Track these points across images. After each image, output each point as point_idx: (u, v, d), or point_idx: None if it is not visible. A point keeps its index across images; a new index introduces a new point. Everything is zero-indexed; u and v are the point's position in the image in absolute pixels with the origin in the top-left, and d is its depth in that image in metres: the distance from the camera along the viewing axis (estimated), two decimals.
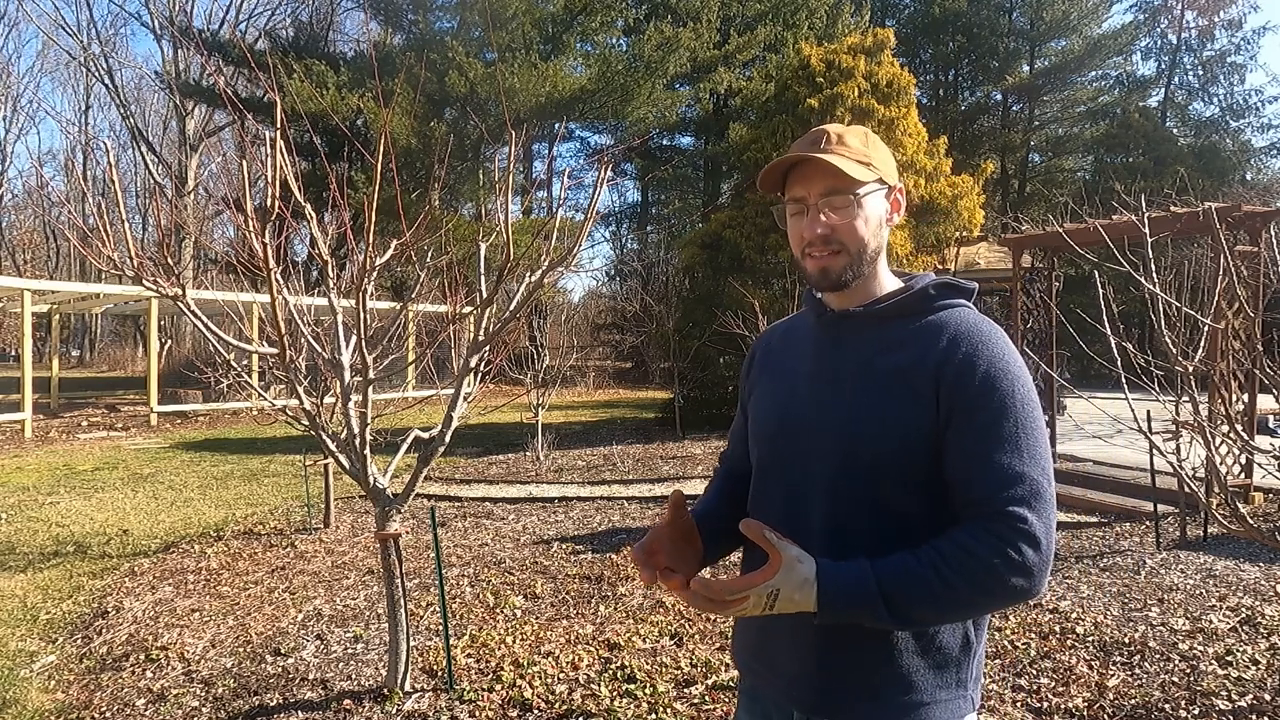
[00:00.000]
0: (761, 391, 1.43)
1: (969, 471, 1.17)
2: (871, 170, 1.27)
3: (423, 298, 4.72)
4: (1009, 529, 1.11)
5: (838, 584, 1.11)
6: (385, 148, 2.99)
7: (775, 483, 1.33)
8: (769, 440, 1.36)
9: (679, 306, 17.03)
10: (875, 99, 12.37)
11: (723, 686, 3.38)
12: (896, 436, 1.20)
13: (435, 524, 3.71)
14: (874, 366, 1.26)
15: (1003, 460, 1.15)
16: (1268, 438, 8.88)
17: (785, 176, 1.31)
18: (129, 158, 37.28)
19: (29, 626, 4.42)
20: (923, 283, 1.32)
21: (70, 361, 36.23)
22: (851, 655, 1.23)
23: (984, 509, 1.14)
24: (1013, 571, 1.10)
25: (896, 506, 1.21)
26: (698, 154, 29.83)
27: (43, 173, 40.83)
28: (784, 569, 1.10)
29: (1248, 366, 6.30)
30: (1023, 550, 1.10)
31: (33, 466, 9.99)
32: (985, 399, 1.18)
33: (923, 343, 1.24)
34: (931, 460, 1.20)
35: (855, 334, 1.31)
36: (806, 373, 1.34)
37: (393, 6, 23.36)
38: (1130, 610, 4.26)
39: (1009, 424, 1.16)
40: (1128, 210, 4.68)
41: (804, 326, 1.43)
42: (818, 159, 1.24)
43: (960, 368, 1.19)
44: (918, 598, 1.11)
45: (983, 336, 1.22)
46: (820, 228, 1.26)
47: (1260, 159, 29.13)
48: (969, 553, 1.11)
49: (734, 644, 1.46)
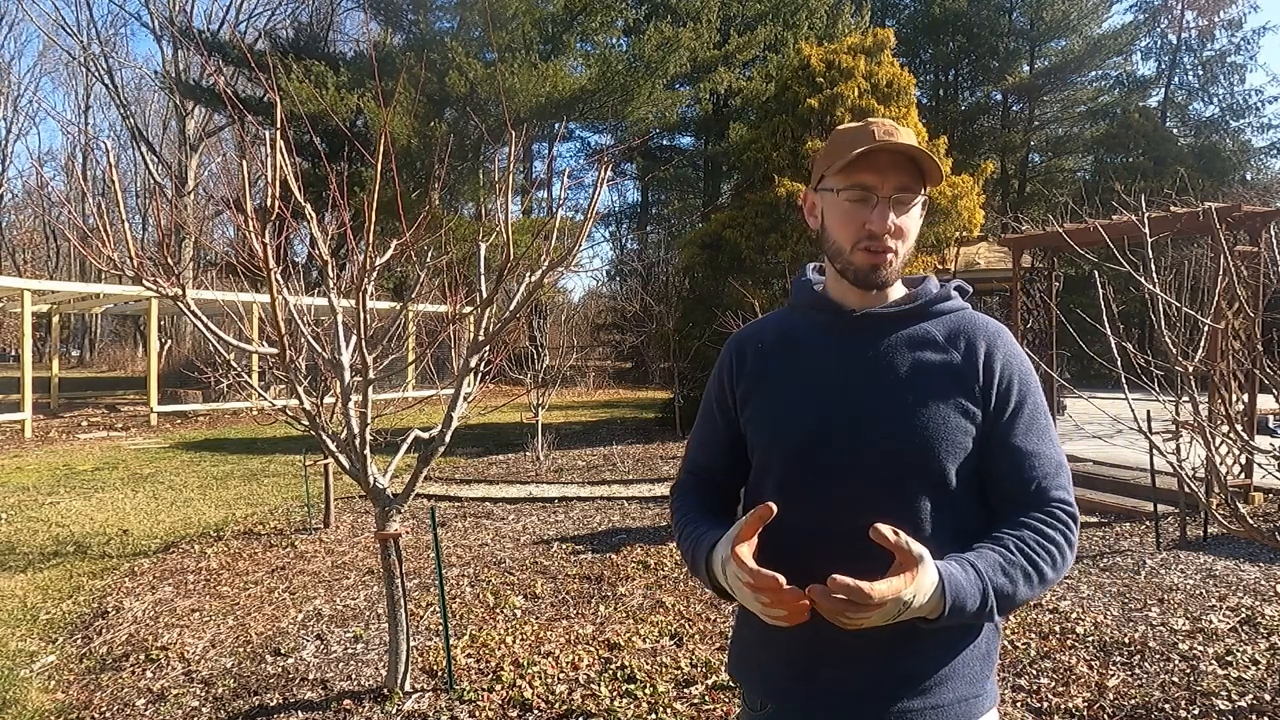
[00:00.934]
0: (772, 399, 1.32)
1: (1021, 464, 1.22)
2: (932, 176, 1.26)
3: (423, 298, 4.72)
4: (1064, 513, 1.20)
5: (959, 588, 1.08)
6: (385, 148, 2.99)
7: (807, 496, 1.24)
8: (796, 451, 1.26)
9: (679, 306, 17.04)
10: (875, 99, 12.37)
11: (722, 686, 3.38)
12: (959, 431, 1.21)
13: (435, 524, 3.71)
14: (916, 366, 1.24)
15: (1046, 451, 1.23)
16: (1268, 438, 8.88)
17: (842, 164, 1.25)
18: (129, 158, 37.34)
19: (29, 626, 4.42)
20: (934, 283, 1.33)
21: (70, 361, 36.22)
22: (918, 661, 1.21)
23: (1039, 497, 1.20)
24: (1071, 550, 1.20)
25: (954, 504, 1.21)
26: (698, 154, 29.83)
27: (43, 173, 40.86)
28: (922, 573, 1.05)
29: (1248, 366, 6.30)
30: (1074, 530, 1.21)
31: (33, 466, 9.99)
32: (1024, 395, 1.25)
33: (961, 344, 1.26)
34: (977, 454, 1.23)
35: (889, 335, 1.27)
36: (834, 376, 1.27)
37: (393, 6, 23.36)
38: (1130, 610, 4.26)
39: (1042, 417, 1.26)
40: (1128, 210, 4.68)
41: (807, 327, 1.35)
42: (904, 147, 1.20)
43: (1005, 369, 1.25)
44: (1017, 591, 1.13)
45: (1009, 338, 1.30)
46: (892, 223, 1.22)
47: (1260, 159, 29.14)
48: (1050, 540, 1.17)
49: (751, 666, 1.34)
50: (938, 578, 1.07)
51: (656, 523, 6.51)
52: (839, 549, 1.15)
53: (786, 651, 1.27)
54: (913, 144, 1.21)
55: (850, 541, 1.16)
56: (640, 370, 24.87)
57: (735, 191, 16.22)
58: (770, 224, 12.46)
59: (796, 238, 12.19)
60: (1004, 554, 1.14)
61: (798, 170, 12.42)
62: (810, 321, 1.35)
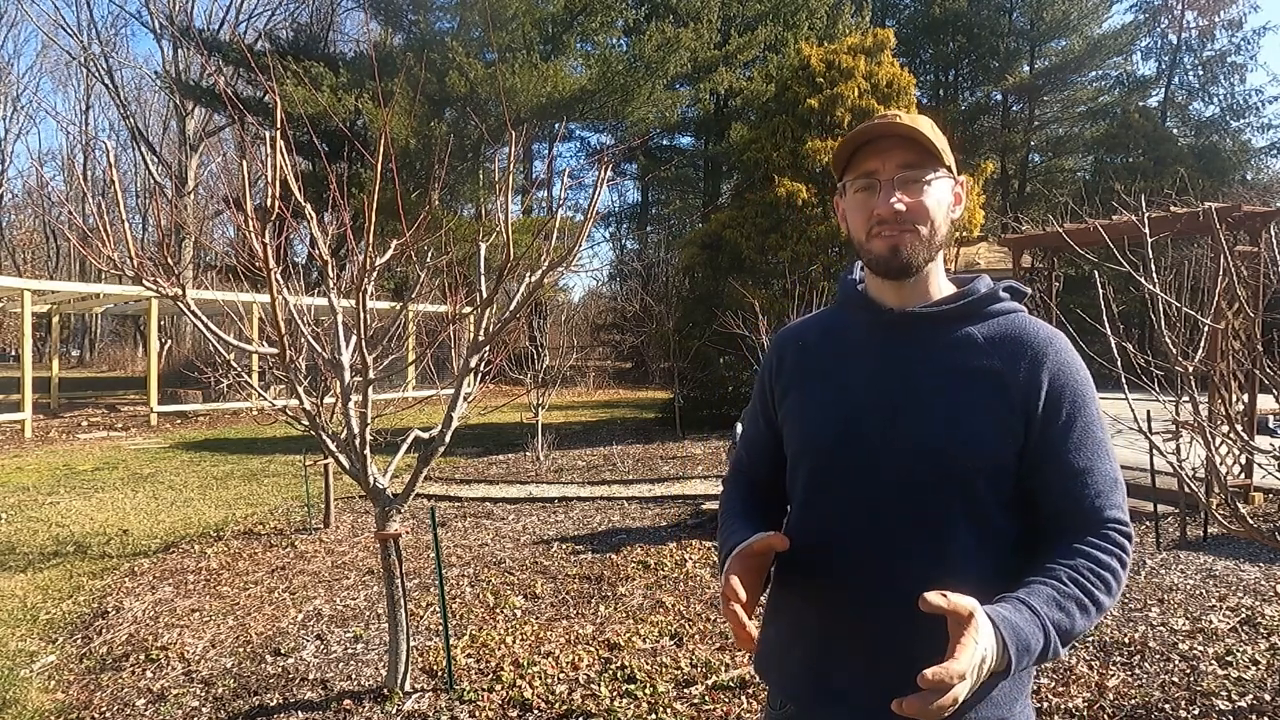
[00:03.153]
0: (807, 397, 1.30)
1: (1073, 482, 1.15)
2: (945, 155, 1.21)
3: (423, 298, 4.72)
4: (1118, 534, 1.14)
5: (1017, 630, 1.01)
6: (385, 148, 2.99)
7: (834, 496, 1.23)
8: (826, 451, 1.24)
9: (679, 306, 17.03)
10: (875, 99, 12.38)
11: (722, 686, 3.38)
12: (991, 441, 1.15)
13: (435, 524, 3.71)
14: (956, 371, 1.19)
15: (1101, 467, 1.16)
16: (1268, 438, 8.88)
17: (848, 160, 1.24)
18: (129, 158, 37.31)
19: (29, 626, 4.42)
20: (985, 284, 1.26)
21: (70, 361, 36.22)
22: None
23: (1092, 518, 1.14)
24: (1125, 571, 1.14)
25: (981, 513, 1.15)
26: (698, 154, 29.85)
27: (43, 173, 40.85)
28: (982, 630, 0.97)
29: (1248, 366, 6.30)
30: (1128, 550, 1.15)
31: (33, 466, 9.99)
32: (1077, 408, 1.17)
33: (1005, 349, 1.19)
34: (1018, 468, 1.16)
35: (926, 335, 1.22)
36: (868, 376, 1.24)
37: (393, 6, 23.36)
38: (1130, 610, 4.26)
39: (1098, 430, 1.18)
40: (1128, 210, 4.68)
41: (849, 326, 1.31)
42: (898, 127, 1.18)
43: (1054, 380, 1.17)
44: (1074, 624, 1.07)
45: (1064, 346, 1.21)
46: (896, 202, 1.19)
47: (1260, 159, 29.18)
48: (1104, 567, 1.11)
49: (772, 665, 1.33)
50: (991, 625, 1.00)
51: (656, 523, 6.51)
52: (863, 548, 1.15)
53: (802, 654, 1.26)
54: (903, 120, 1.18)
55: (874, 542, 1.16)
56: (640, 370, 24.89)
57: (735, 191, 16.24)
58: (770, 224, 12.47)
59: (796, 238, 12.20)
60: (1057, 587, 1.08)
61: (798, 170, 12.42)
62: (852, 320, 1.31)
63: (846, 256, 11.77)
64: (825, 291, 10.46)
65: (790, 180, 12.20)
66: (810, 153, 12.15)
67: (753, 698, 3.27)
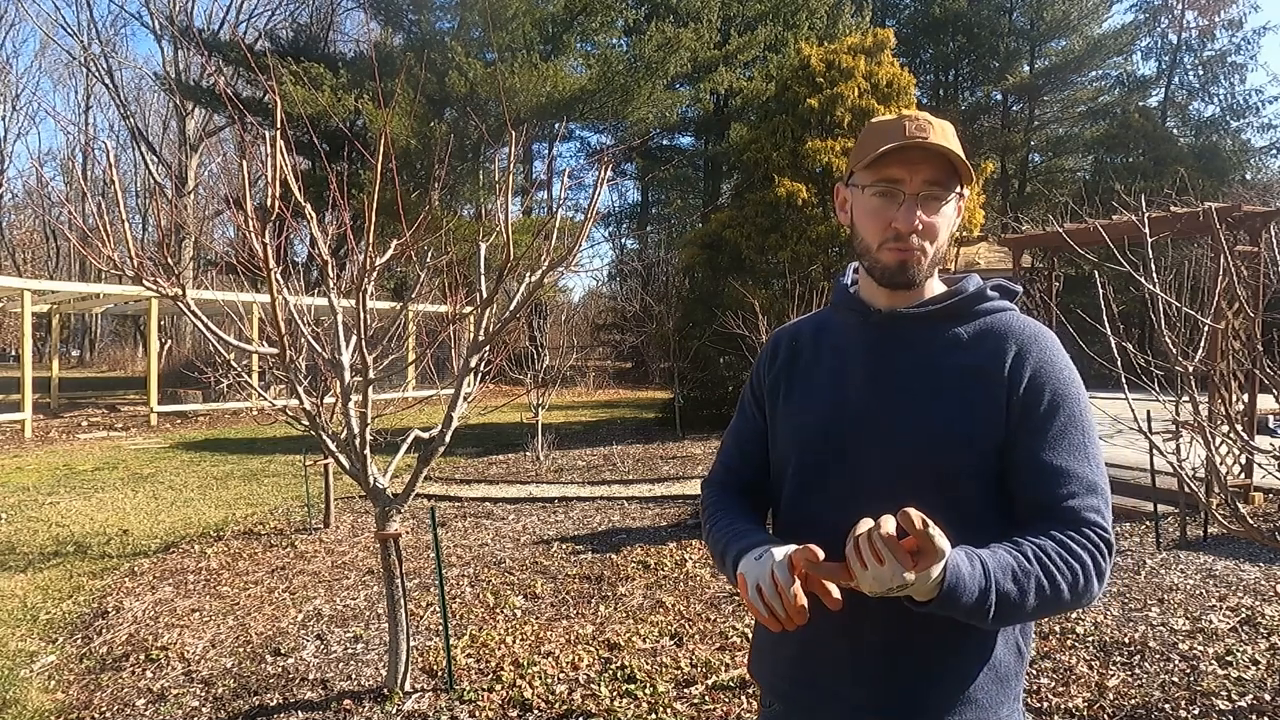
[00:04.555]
0: (797, 395, 1.32)
1: (1047, 480, 1.14)
2: (969, 172, 1.21)
3: (423, 298, 4.73)
4: (1096, 536, 1.11)
5: (959, 577, 1.01)
6: (385, 148, 2.99)
7: (822, 493, 1.24)
8: (814, 448, 1.25)
9: (679, 306, 17.02)
10: (875, 99, 12.37)
11: (722, 686, 3.38)
12: (974, 439, 1.15)
13: (435, 524, 3.71)
14: (940, 369, 1.20)
15: (1079, 470, 1.14)
16: (1268, 438, 8.88)
17: (871, 158, 1.22)
18: (129, 158, 37.32)
19: (29, 626, 4.42)
20: (974, 283, 1.26)
21: (70, 361, 36.23)
22: (920, 679, 1.17)
23: (1068, 517, 1.12)
24: (1097, 577, 1.10)
25: (965, 512, 1.14)
26: (698, 154, 29.85)
27: (43, 173, 40.83)
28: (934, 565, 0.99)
29: (1248, 366, 6.30)
30: (1106, 557, 1.11)
31: (33, 466, 9.99)
32: (1057, 406, 1.16)
33: (989, 346, 1.19)
34: (1000, 465, 1.16)
35: (912, 335, 1.23)
36: (859, 375, 1.25)
37: (393, 6, 23.36)
38: (1130, 610, 4.26)
39: (1078, 433, 1.16)
40: (1128, 210, 4.68)
41: (840, 326, 1.33)
42: (934, 146, 1.16)
43: (1035, 375, 1.17)
44: (1025, 600, 1.05)
45: (1049, 343, 1.20)
46: (919, 220, 1.18)
47: (1260, 159, 29.12)
48: (1071, 554, 1.09)
49: (763, 666, 1.35)
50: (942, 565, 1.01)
51: (656, 523, 6.51)
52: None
53: (790, 654, 1.27)
54: (944, 144, 1.17)
55: None
56: (640, 370, 24.88)
57: (735, 191, 16.24)
58: (770, 224, 12.46)
59: (796, 238, 12.19)
60: (1019, 559, 1.06)
61: (798, 170, 12.42)
62: (843, 321, 1.33)
63: (846, 256, 11.77)
64: (825, 291, 10.46)
65: (790, 180, 12.19)
66: (810, 153, 12.14)
67: (753, 698, 3.27)
